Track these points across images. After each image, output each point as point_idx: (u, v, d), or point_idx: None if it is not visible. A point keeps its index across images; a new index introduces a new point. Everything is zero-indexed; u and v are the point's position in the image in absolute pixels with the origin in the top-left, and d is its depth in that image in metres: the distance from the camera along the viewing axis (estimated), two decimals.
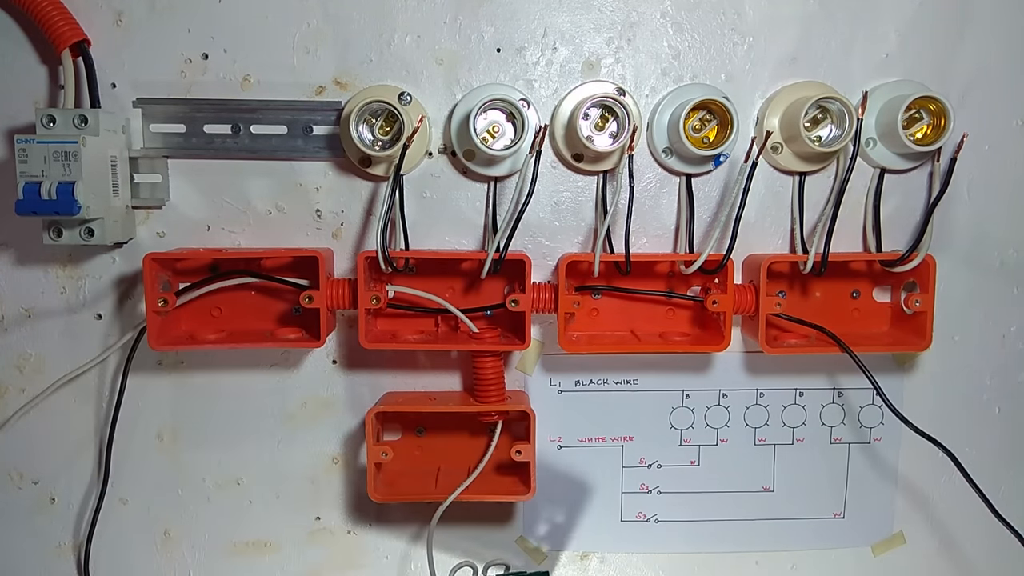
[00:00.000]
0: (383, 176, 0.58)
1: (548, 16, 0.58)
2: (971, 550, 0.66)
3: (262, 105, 0.58)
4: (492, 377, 0.59)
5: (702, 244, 0.60)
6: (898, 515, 0.66)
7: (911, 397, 0.63)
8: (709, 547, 0.66)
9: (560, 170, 0.60)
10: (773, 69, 0.59)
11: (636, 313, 0.61)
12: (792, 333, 0.60)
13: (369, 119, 0.56)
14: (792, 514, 0.65)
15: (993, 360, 0.64)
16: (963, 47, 0.59)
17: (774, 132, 0.58)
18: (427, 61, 0.58)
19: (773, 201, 0.61)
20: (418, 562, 0.65)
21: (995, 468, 0.64)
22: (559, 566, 0.65)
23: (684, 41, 0.59)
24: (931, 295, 0.57)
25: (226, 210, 0.60)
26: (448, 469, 0.61)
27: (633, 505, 0.65)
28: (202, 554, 0.64)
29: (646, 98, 0.59)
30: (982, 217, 0.62)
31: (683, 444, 0.64)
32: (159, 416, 0.62)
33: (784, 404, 0.64)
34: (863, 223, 0.61)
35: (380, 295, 0.56)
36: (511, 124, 0.56)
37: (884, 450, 0.65)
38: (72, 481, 0.63)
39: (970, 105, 0.60)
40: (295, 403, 0.62)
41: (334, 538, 0.65)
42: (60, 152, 0.51)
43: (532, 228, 0.61)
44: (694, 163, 0.59)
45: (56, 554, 0.64)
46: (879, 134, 0.58)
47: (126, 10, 0.57)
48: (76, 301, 0.60)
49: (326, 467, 0.63)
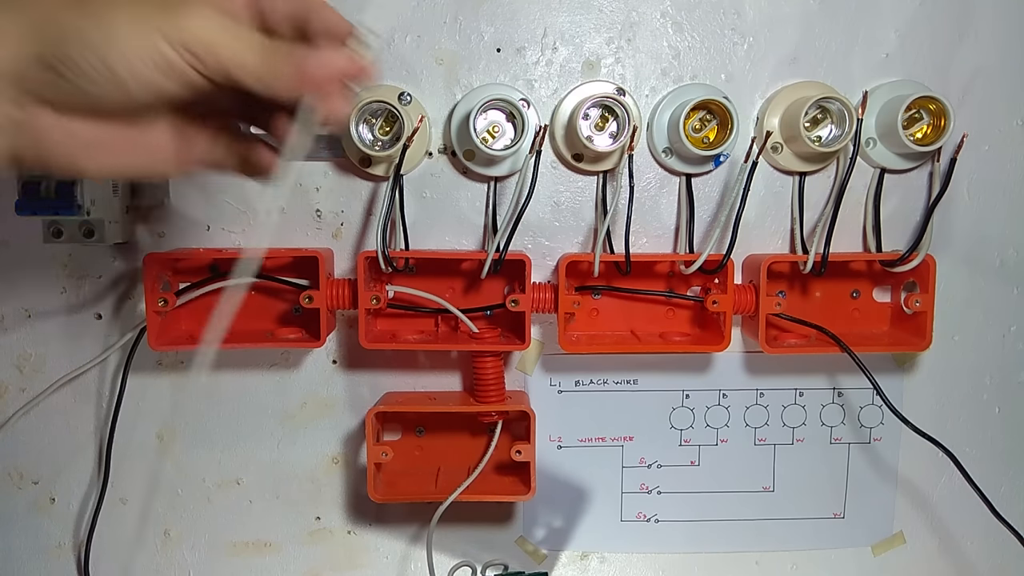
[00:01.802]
0: (383, 176, 0.58)
1: (548, 16, 0.58)
2: (971, 550, 0.66)
3: None
4: (492, 377, 0.59)
5: (702, 244, 0.60)
6: (898, 515, 0.66)
7: (911, 397, 0.63)
8: (709, 547, 0.66)
9: (560, 170, 0.60)
10: (773, 69, 0.59)
11: (636, 313, 0.61)
12: (792, 333, 0.60)
13: (369, 119, 0.56)
14: (792, 514, 0.65)
15: (993, 360, 0.64)
16: (963, 47, 0.59)
17: (774, 132, 0.58)
18: (427, 61, 0.58)
19: (773, 201, 0.61)
20: (418, 562, 0.65)
21: (995, 468, 0.64)
22: (559, 566, 0.65)
23: (684, 41, 0.59)
24: (931, 295, 0.57)
25: (226, 210, 0.60)
26: (448, 469, 0.61)
27: (633, 505, 0.65)
28: (202, 554, 0.64)
29: (646, 98, 0.59)
30: (982, 217, 0.62)
31: (683, 444, 0.64)
32: (159, 416, 0.62)
33: (784, 404, 0.64)
34: (863, 223, 0.61)
35: (380, 295, 0.56)
36: (511, 124, 0.56)
37: (884, 450, 0.65)
38: (72, 481, 0.63)
39: (970, 105, 0.60)
40: (295, 403, 0.62)
41: (334, 538, 0.65)
42: None
43: (532, 228, 0.61)
44: (694, 163, 0.59)
45: (56, 554, 0.64)
46: (879, 134, 0.58)
47: None
48: (76, 301, 0.60)
49: (326, 467, 0.63)
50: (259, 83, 0.32)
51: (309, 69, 0.32)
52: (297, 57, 0.32)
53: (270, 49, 0.32)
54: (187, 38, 0.30)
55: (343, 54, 0.34)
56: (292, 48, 0.33)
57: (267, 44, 0.32)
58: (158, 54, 0.30)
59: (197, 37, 0.30)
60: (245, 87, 0.32)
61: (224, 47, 0.31)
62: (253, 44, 0.32)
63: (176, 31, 0.30)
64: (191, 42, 0.30)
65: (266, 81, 0.32)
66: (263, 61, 0.32)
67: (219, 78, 0.31)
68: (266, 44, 0.32)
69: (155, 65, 0.30)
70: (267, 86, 0.32)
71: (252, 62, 0.31)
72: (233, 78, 0.31)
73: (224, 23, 0.31)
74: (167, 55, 0.30)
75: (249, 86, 0.32)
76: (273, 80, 0.32)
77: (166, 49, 0.30)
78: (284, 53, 0.32)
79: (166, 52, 0.30)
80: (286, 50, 0.32)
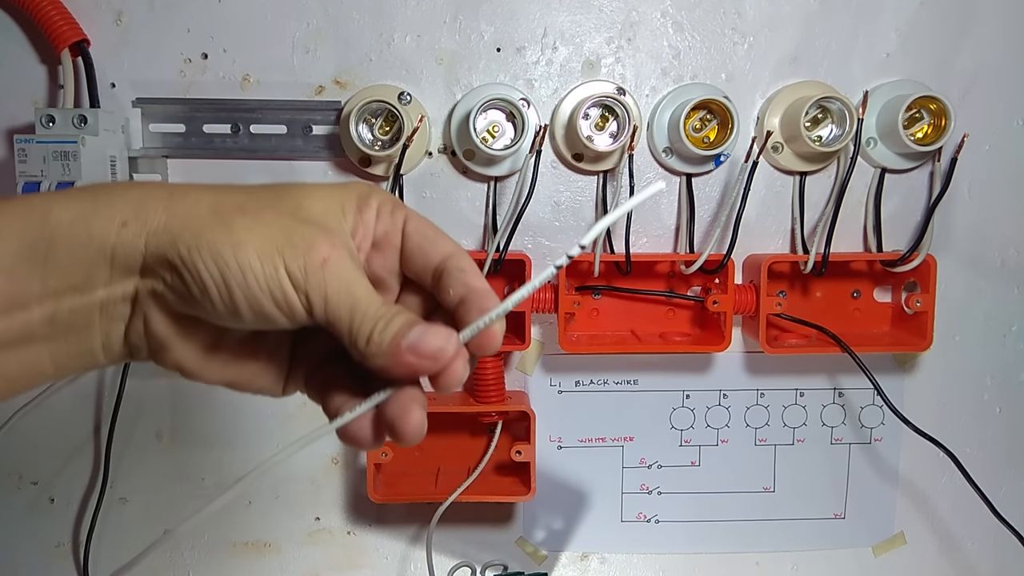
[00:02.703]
0: (383, 176, 0.58)
1: (548, 16, 0.58)
2: (972, 550, 0.66)
3: (262, 105, 0.58)
4: (492, 377, 0.59)
5: (702, 244, 0.60)
6: (899, 515, 0.65)
7: (911, 397, 0.63)
8: (709, 547, 0.66)
9: (560, 170, 0.60)
10: (773, 69, 0.59)
11: (636, 313, 0.61)
12: (792, 333, 0.60)
13: (369, 119, 0.56)
14: (793, 514, 0.65)
15: (993, 360, 0.64)
16: (964, 47, 0.59)
17: (774, 132, 0.58)
18: (427, 61, 0.58)
19: (773, 201, 0.60)
20: (418, 563, 0.65)
21: (995, 468, 0.64)
22: (559, 566, 0.65)
23: (684, 41, 0.59)
24: (932, 295, 0.57)
25: None
26: (448, 469, 0.61)
27: (633, 505, 0.65)
28: (202, 554, 0.64)
29: (646, 98, 0.59)
30: (982, 217, 0.61)
31: (683, 444, 0.64)
32: (159, 416, 0.62)
33: (785, 404, 0.64)
34: (863, 223, 0.61)
35: None
36: (511, 124, 0.56)
37: (885, 450, 0.64)
38: (72, 481, 0.63)
39: (970, 105, 0.59)
40: (295, 403, 0.62)
41: (334, 538, 0.65)
42: (59, 152, 0.51)
43: (532, 228, 0.60)
44: (694, 163, 0.59)
45: (56, 554, 0.64)
46: (880, 134, 0.58)
47: (126, 10, 0.57)
48: None
49: (326, 467, 0.63)
50: (354, 350, 0.29)
51: (404, 355, 0.28)
52: (401, 335, 0.29)
53: (382, 322, 0.29)
54: (309, 283, 0.28)
55: (442, 337, 0.29)
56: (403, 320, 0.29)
57: (382, 313, 0.29)
58: (278, 286, 0.28)
59: (316, 284, 0.28)
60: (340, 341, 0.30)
61: (340, 306, 0.29)
62: (370, 309, 0.29)
63: (299, 271, 0.28)
64: (311, 288, 0.28)
65: (363, 355, 0.29)
66: (371, 337, 0.29)
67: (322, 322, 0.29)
68: (381, 313, 0.29)
69: (270, 293, 0.28)
70: (362, 356, 0.29)
71: (363, 334, 0.29)
72: (334, 332, 0.29)
73: (348, 273, 0.29)
74: (285, 290, 0.28)
75: (345, 345, 0.29)
76: (370, 358, 0.29)
77: (286, 283, 0.28)
78: (393, 328, 0.29)
79: (285, 287, 0.28)
80: (396, 324, 0.29)
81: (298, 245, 0.28)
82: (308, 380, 0.33)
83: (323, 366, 0.33)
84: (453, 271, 0.31)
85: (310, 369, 0.33)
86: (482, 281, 0.32)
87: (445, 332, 0.29)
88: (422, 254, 0.32)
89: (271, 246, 0.28)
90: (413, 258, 0.32)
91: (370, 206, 0.32)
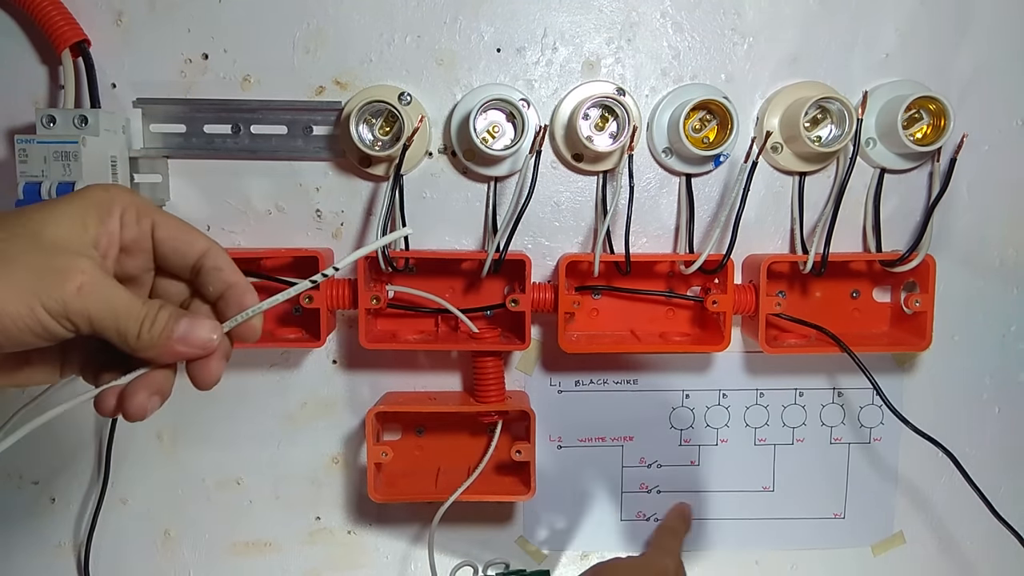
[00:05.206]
0: (383, 176, 0.58)
1: (548, 16, 0.58)
2: (971, 550, 0.66)
3: (262, 105, 0.58)
4: (492, 377, 0.59)
5: (702, 244, 0.60)
6: (898, 515, 0.66)
7: (911, 397, 0.63)
8: (709, 547, 0.66)
9: (560, 170, 0.60)
10: (773, 69, 0.59)
11: (636, 313, 0.61)
12: (792, 333, 0.60)
13: (369, 119, 0.56)
14: (792, 514, 0.65)
15: (993, 360, 0.64)
16: (963, 47, 0.59)
17: (774, 132, 0.58)
18: (427, 61, 0.58)
19: (773, 201, 0.61)
20: (418, 562, 0.65)
21: (995, 468, 0.64)
22: (559, 566, 0.65)
23: (684, 41, 0.59)
24: (931, 295, 0.57)
25: (226, 210, 0.60)
26: (448, 469, 0.61)
27: (633, 505, 0.65)
28: (202, 554, 0.64)
29: (646, 98, 0.59)
30: (982, 217, 0.62)
31: (683, 444, 0.64)
32: (159, 416, 0.62)
33: (784, 404, 0.64)
34: (863, 223, 0.61)
35: (380, 295, 0.56)
36: (511, 124, 0.56)
37: (884, 450, 0.65)
38: (72, 481, 0.63)
39: (970, 105, 0.60)
40: (295, 403, 0.62)
41: (334, 538, 0.65)
42: (60, 152, 0.51)
43: (532, 228, 0.61)
44: (694, 163, 0.59)
45: (56, 554, 0.64)
46: (879, 134, 0.58)
47: (126, 10, 0.57)
48: None
49: (326, 467, 0.63)
50: (127, 348, 0.33)
51: (174, 346, 0.33)
52: (169, 330, 0.33)
53: (147, 321, 0.32)
54: (69, 311, 0.31)
55: (208, 329, 0.34)
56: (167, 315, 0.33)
57: (145, 313, 0.33)
58: (37, 324, 0.30)
59: (76, 310, 0.31)
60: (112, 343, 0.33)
61: (104, 320, 0.32)
62: (132, 313, 0.32)
63: (57, 304, 0.30)
64: (72, 314, 0.31)
65: (135, 350, 0.33)
66: (140, 335, 0.32)
67: (91, 334, 0.32)
68: (144, 313, 0.33)
69: (31, 331, 0.30)
70: (133, 351, 0.33)
71: (131, 335, 0.32)
72: (106, 339, 0.32)
73: (104, 290, 0.32)
74: (46, 325, 0.31)
75: (117, 347, 0.33)
76: (142, 352, 0.33)
77: (46, 319, 0.30)
78: (159, 325, 0.33)
79: (46, 322, 0.30)
80: (162, 321, 0.33)
81: (50, 280, 0.30)
82: (83, 367, 0.36)
83: (96, 353, 0.36)
84: (210, 270, 0.35)
85: (84, 356, 0.36)
86: (239, 276, 0.35)
87: (210, 324, 0.34)
88: (178, 256, 0.35)
89: (24, 290, 0.30)
90: (168, 259, 0.35)
91: (112, 215, 0.34)
